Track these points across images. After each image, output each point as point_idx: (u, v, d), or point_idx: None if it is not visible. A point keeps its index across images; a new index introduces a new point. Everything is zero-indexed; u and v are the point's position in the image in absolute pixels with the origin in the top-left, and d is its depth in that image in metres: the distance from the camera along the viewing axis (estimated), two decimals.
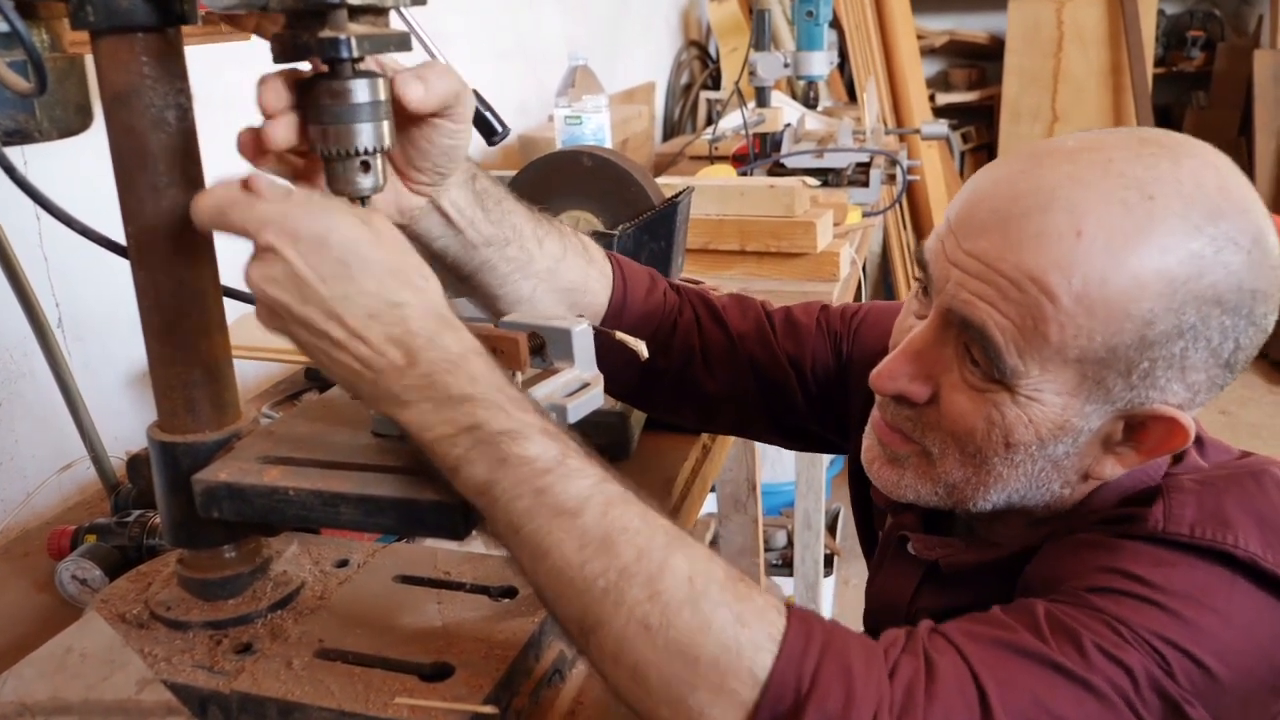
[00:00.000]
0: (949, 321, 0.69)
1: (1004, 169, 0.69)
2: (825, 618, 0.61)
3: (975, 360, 0.68)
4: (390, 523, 0.68)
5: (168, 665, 0.74)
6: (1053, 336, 0.64)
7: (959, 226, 0.68)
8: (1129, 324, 0.63)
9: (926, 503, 0.75)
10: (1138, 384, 0.66)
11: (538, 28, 2.61)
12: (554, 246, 0.87)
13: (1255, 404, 4.10)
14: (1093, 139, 0.68)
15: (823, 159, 2.35)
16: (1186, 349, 0.64)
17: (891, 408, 0.75)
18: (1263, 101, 4.51)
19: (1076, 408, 0.67)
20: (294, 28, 0.65)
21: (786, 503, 2.82)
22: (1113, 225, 0.63)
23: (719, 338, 0.96)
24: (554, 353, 0.77)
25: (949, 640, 0.61)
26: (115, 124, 0.69)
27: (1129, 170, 0.64)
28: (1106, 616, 0.61)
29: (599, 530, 0.60)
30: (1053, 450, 0.69)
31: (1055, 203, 0.64)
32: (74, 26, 0.66)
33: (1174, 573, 0.63)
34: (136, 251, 0.72)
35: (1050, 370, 0.65)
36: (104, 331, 1.29)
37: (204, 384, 0.74)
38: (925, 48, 4.83)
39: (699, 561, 0.60)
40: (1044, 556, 0.71)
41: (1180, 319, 0.63)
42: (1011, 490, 0.71)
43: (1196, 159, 0.66)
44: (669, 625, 0.58)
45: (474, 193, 0.80)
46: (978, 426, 0.69)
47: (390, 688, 0.70)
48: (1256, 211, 0.66)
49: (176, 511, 0.75)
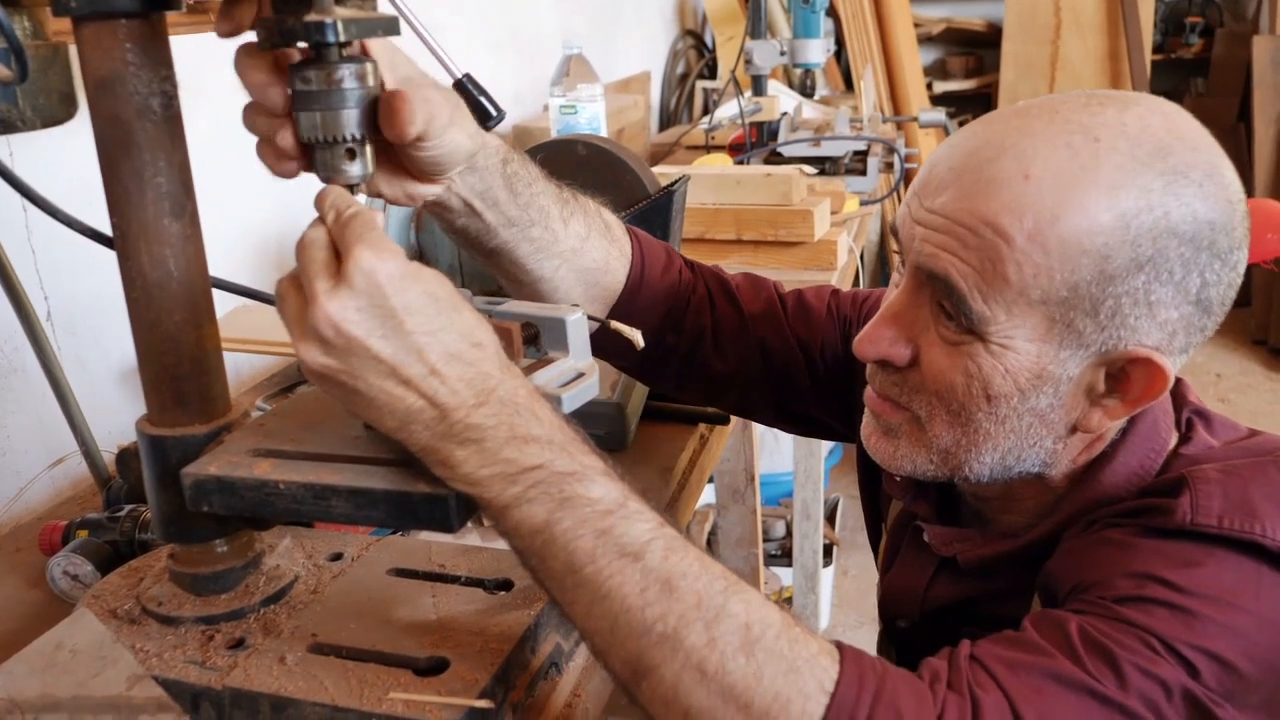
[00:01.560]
0: (920, 280, 0.72)
1: (959, 134, 0.72)
2: (876, 659, 0.62)
3: (949, 315, 0.70)
4: (382, 516, 0.67)
5: (159, 661, 0.73)
6: (1012, 277, 0.66)
7: (921, 189, 0.71)
8: (1085, 259, 0.65)
9: (924, 473, 0.76)
10: (1107, 323, 0.67)
11: (532, 16, 2.60)
12: (579, 226, 0.87)
13: (1254, 390, 4.10)
14: (1044, 99, 0.71)
15: (820, 147, 2.34)
16: (1149, 283, 0.66)
17: (880, 376, 0.76)
18: (1261, 87, 4.49)
19: (1051, 354, 0.68)
20: (280, 12, 0.64)
21: (785, 493, 2.82)
22: (1059, 166, 0.65)
23: (731, 317, 0.96)
24: (548, 342, 0.76)
25: (989, 672, 0.61)
26: (99, 112, 0.67)
27: (1074, 117, 0.67)
28: (1139, 630, 0.61)
29: (660, 574, 0.60)
30: (1035, 402, 0.70)
31: (1005, 152, 0.67)
32: (56, 13, 0.65)
33: (1203, 573, 0.63)
34: (122, 242, 0.70)
35: (1016, 314, 0.67)
36: (96, 324, 1.27)
37: (193, 377, 0.73)
38: (922, 35, 4.81)
39: (755, 608, 0.60)
40: (1066, 554, 0.71)
41: (1137, 250, 0.65)
42: (1004, 450, 0.72)
43: (1143, 105, 0.68)
44: (724, 672, 0.58)
45: (504, 176, 0.79)
46: (957, 381, 0.70)
47: (384, 682, 0.70)
48: (1208, 150, 0.67)
49: (167, 506, 0.74)
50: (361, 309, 0.61)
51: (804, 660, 0.59)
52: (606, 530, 0.61)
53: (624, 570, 0.60)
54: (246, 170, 0.73)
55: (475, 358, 0.63)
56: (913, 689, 0.60)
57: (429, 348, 0.62)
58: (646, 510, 0.63)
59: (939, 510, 0.85)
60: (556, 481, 0.62)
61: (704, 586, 0.60)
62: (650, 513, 0.63)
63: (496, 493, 0.62)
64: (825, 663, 0.60)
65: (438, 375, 0.62)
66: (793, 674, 0.58)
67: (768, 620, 0.60)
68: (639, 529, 0.62)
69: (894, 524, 0.91)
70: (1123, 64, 4.45)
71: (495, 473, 0.62)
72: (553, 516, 0.61)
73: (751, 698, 0.57)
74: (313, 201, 0.66)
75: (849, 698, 0.58)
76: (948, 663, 0.62)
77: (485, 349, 0.64)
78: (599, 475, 0.63)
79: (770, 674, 0.58)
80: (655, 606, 0.59)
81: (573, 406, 0.71)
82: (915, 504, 0.85)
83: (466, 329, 0.64)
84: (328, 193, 0.66)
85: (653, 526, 0.62)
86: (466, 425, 0.62)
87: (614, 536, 0.61)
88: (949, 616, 0.83)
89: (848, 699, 0.58)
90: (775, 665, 0.58)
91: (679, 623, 0.59)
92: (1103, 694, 0.59)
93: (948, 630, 0.78)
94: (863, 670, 0.60)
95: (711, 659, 0.58)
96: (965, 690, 0.60)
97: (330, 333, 0.61)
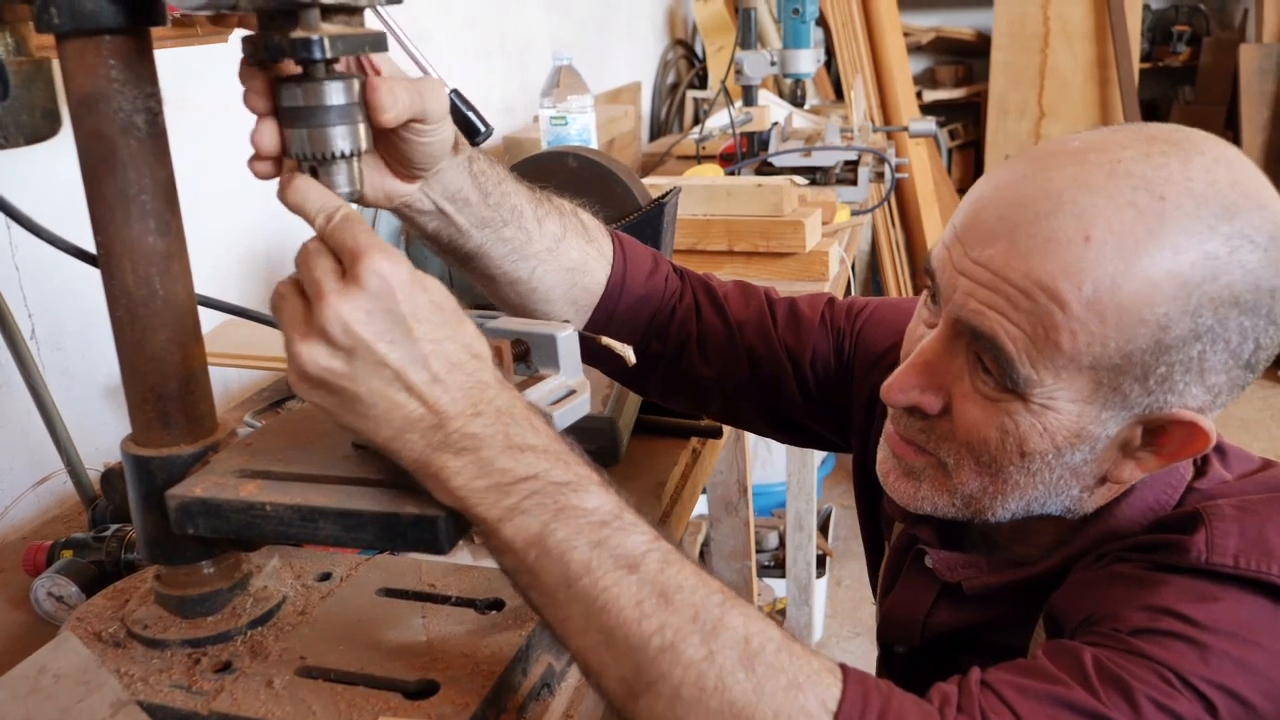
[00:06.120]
0: (959, 331, 0.68)
1: (1008, 174, 0.67)
2: (880, 680, 0.60)
3: (987, 369, 0.66)
4: (370, 538, 0.66)
5: (144, 686, 0.72)
6: (1065, 345, 0.63)
7: (965, 234, 0.67)
8: (1143, 329, 0.62)
9: (944, 514, 0.74)
10: (1155, 389, 0.64)
11: (521, 27, 2.59)
12: (554, 226, 0.86)
13: (1245, 398, 4.05)
14: (1099, 138, 0.66)
15: (810, 157, 2.34)
16: (1205, 352, 0.63)
17: (904, 420, 0.74)
18: (1248, 96, 4.51)
19: (1093, 415, 0.65)
20: (266, 28, 0.63)
21: (778, 503, 2.81)
22: (1122, 229, 0.61)
23: (717, 325, 0.95)
24: (539, 359, 0.75)
25: (1002, 699, 0.59)
26: (82, 129, 0.66)
27: (1137, 170, 0.62)
28: (1155, 664, 0.59)
29: (657, 585, 0.59)
30: (1070, 458, 0.67)
31: (1062, 207, 0.62)
32: (38, 29, 0.64)
33: (1219, 608, 0.62)
34: (106, 260, 0.69)
35: (1064, 378, 0.64)
36: (83, 341, 1.26)
37: (178, 397, 0.72)
38: (912, 45, 4.82)
39: (754, 622, 0.59)
40: (1076, 587, 0.70)
41: (1197, 322, 0.62)
42: (1030, 499, 0.70)
43: (1207, 155, 0.64)
44: (724, 688, 0.57)
45: (471, 176, 0.79)
46: (991, 436, 0.68)
47: (373, 706, 0.69)
48: (1273, 206, 0.64)
49: (152, 527, 0.73)
50: (372, 312, 0.60)
51: (806, 676, 0.58)
52: (602, 541, 0.60)
53: (620, 582, 0.59)
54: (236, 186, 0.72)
55: (474, 368, 0.63)
56: (920, 711, 0.59)
57: (434, 356, 0.61)
58: (642, 522, 0.62)
59: (942, 534, 0.83)
60: (551, 492, 0.61)
61: (701, 599, 0.59)
62: (645, 525, 0.62)
63: (490, 505, 0.61)
64: (828, 680, 0.58)
65: (440, 384, 0.62)
66: (794, 689, 0.57)
67: (767, 634, 0.59)
68: (635, 540, 0.60)
69: (896, 544, 0.89)
70: (1111, 72, 4.47)
71: (490, 484, 0.61)
72: (547, 528, 0.60)
73: (752, 715, 0.56)
74: (284, 199, 0.65)
75: (854, 715, 0.57)
76: (958, 688, 0.61)
77: (483, 361, 0.64)
78: (594, 486, 0.62)
79: (771, 689, 0.57)
80: (652, 619, 0.58)
81: (565, 424, 0.71)
82: (917, 527, 0.84)
83: (468, 340, 0.64)
84: (307, 190, 0.65)
85: (649, 539, 0.61)
86: (463, 434, 0.61)
87: (610, 548, 0.60)
88: (949, 643, 0.81)
89: (852, 716, 0.57)
90: (776, 680, 0.57)
91: (676, 636, 0.58)
92: None
93: (947, 657, 0.77)
94: (867, 690, 0.58)
95: (710, 674, 0.57)
96: (977, 714, 0.58)
97: (339, 332, 0.60)
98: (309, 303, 0.62)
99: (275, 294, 0.64)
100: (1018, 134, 4.70)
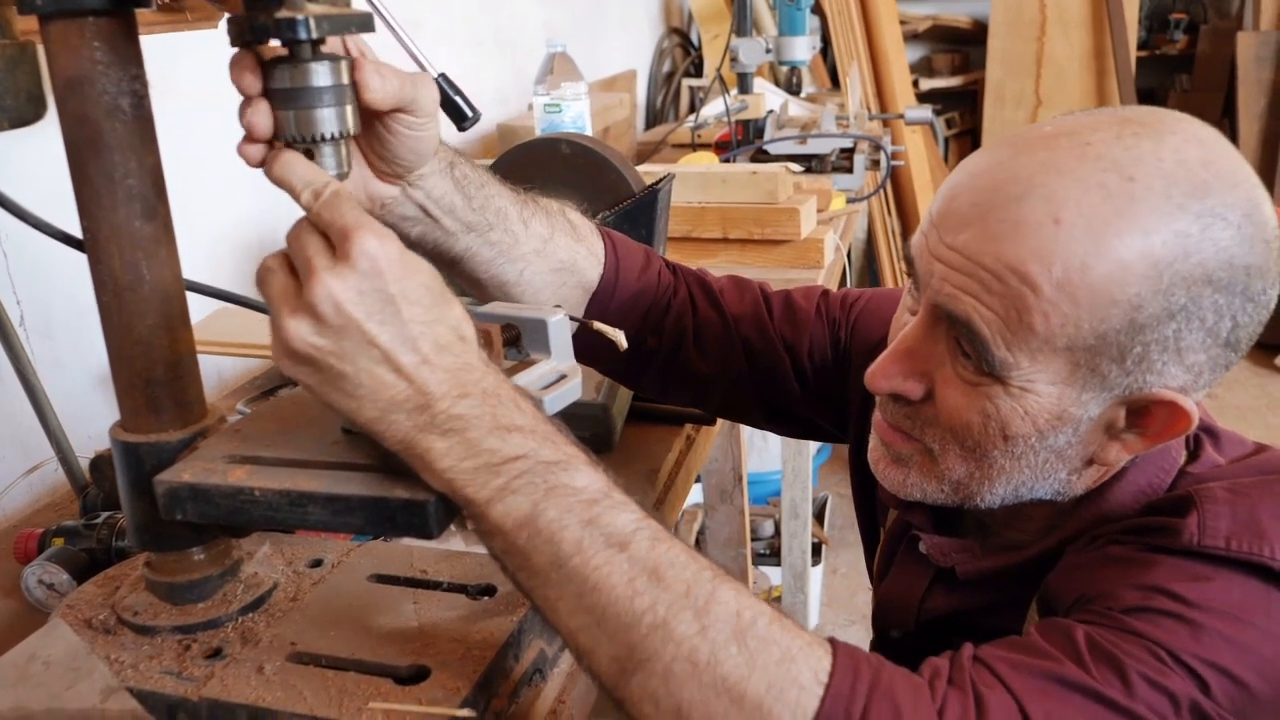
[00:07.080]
0: (937, 317, 0.68)
1: (982, 160, 0.68)
2: (870, 654, 0.60)
3: (966, 354, 0.67)
4: (359, 522, 0.66)
5: (135, 672, 0.71)
6: (1038, 326, 0.63)
7: (940, 221, 0.68)
8: (1115, 309, 0.62)
9: (934, 500, 0.75)
10: (1133, 369, 0.64)
11: (515, 14, 2.58)
12: (540, 227, 0.85)
13: (1241, 386, 4.11)
14: (1072, 122, 0.66)
15: (806, 145, 2.34)
16: (1180, 330, 0.63)
17: (890, 407, 0.74)
18: (1245, 84, 4.51)
19: (1072, 396, 0.66)
20: (251, 8, 0.62)
21: (773, 492, 2.81)
22: (1092, 210, 0.62)
23: (713, 319, 0.95)
24: (530, 344, 0.75)
25: (993, 672, 0.59)
26: (67, 113, 0.66)
27: (1107, 152, 0.63)
28: (1147, 641, 0.60)
29: (648, 563, 0.59)
30: (1053, 440, 0.68)
31: (1033, 191, 0.63)
32: (21, 11, 0.64)
33: (1211, 588, 0.62)
34: (93, 246, 0.69)
35: (1040, 360, 0.64)
36: (73, 328, 1.26)
37: (167, 382, 0.72)
38: (908, 33, 4.81)
39: (745, 597, 0.59)
40: (1069, 569, 0.70)
41: (1169, 300, 0.62)
42: (1018, 483, 0.70)
43: (1179, 135, 0.64)
44: (716, 662, 0.56)
45: (453, 180, 0.78)
46: (973, 420, 0.68)
47: (365, 692, 0.68)
48: (1247, 184, 0.64)
49: (141, 514, 0.73)
50: (363, 291, 0.60)
51: (798, 649, 0.58)
52: (593, 520, 0.60)
53: (611, 560, 0.59)
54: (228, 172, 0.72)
55: (461, 350, 0.63)
56: (910, 683, 0.59)
57: (422, 338, 0.61)
58: (630, 501, 0.62)
59: (936, 519, 0.84)
60: (541, 471, 0.61)
61: (692, 576, 0.59)
62: (633, 504, 0.62)
63: (479, 486, 0.61)
64: (819, 653, 0.58)
65: (429, 365, 0.61)
66: (787, 662, 0.57)
67: (758, 609, 0.59)
68: (625, 519, 0.60)
69: (890, 530, 0.90)
70: (1108, 61, 4.46)
71: (478, 464, 0.61)
72: (538, 508, 0.60)
73: (745, 689, 0.56)
74: (270, 174, 0.65)
75: (844, 688, 0.57)
76: (949, 662, 0.61)
77: (469, 343, 0.64)
78: (583, 465, 0.62)
79: (763, 662, 0.57)
80: (644, 596, 0.58)
81: (555, 409, 0.70)
82: (911, 513, 0.84)
83: (455, 323, 0.64)
84: (293, 165, 0.65)
85: (637, 517, 0.61)
86: (449, 415, 0.61)
87: (600, 526, 0.59)
88: (943, 628, 0.81)
89: (843, 689, 0.57)
90: (769, 653, 0.57)
91: (668, 612, 0.57)
92: (1110, 699, 0.58)
93: (942, 642, 0.76)
94: (857, 662, 0.58)
95: (703, 649, 0.57)
96: (968, 687, 0.59)
97: (329, 309, 0.60)
98: (298, 279, 0.61)
99: (262, 268, 0.63)
100: (1014, 122, 4.68)
